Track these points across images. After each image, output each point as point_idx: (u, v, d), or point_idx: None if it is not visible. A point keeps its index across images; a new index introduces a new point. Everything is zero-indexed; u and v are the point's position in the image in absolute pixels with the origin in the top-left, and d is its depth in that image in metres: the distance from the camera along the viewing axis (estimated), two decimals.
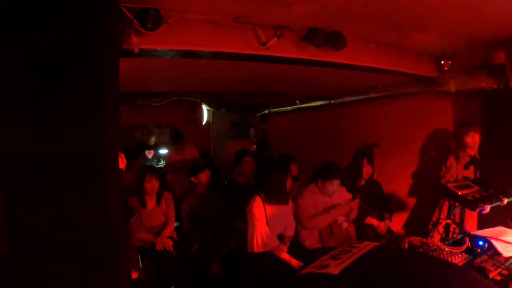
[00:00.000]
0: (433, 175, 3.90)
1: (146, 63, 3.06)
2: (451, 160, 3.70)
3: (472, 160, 3.64)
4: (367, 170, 3.96)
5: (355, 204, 3.41)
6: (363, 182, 4.01)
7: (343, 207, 3.33)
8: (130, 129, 7.76)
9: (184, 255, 3.46)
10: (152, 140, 7.76)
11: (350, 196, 3.45)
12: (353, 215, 3.44)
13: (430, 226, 3.70)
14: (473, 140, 3.53)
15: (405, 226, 4.53)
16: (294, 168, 3.97)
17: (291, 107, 6.28)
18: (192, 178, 3.74)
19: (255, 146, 7.45)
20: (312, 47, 2.73)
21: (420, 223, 3.80)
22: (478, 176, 3.61)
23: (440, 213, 3.69)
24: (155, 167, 5.35)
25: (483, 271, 1.71)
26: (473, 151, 3.61)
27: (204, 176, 3.72)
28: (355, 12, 2.58)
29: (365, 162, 3.95)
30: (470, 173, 3.63)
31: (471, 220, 3.43)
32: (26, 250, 1.25)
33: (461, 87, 3.59)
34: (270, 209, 3.10)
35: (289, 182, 3.15)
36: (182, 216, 3.68)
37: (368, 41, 3.17)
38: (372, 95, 4.59)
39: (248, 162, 4.05)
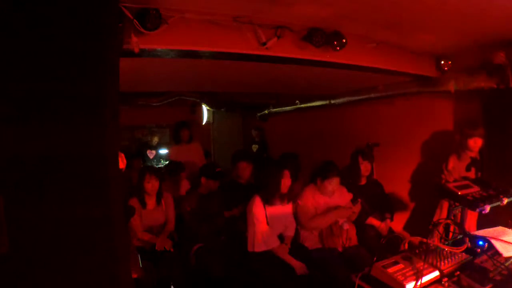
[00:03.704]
0: (433, 175, 3.90)
1: (146, 63, 3.06)
2: (452, 162, 3.69)
3: (473, 162, 3.64)
4: (364, 167, 3.94)
5: (357, 208, 3.38)
6: (363, 181, 4.00)
7: (345, 210, 3.29)
8: (130, 129, 7.77)
9: (184, 255, 3.46)
10: (154, 140, 7.77)
11: (350, 196, 3.44)
12: (354, 217, 3.43)
13: (430, 226, 3.72)
14: (475, 144, 3.53)
15: (405, 226, 4.53)
16: None
17: (291, 107, 6.28)
18: (203, 179, 3.75)
19: (256, 146, 7.43)
20: (312, 47, 2.73)
21: (420, 223, 3.80)
22: (479, 177, 3.60)
23: (440, 213, 3.69)
24: (155, 167, 5.35)
25: (483, 271, 1.71)
26: (473, 153, 3.61)
27: (214, 184, 3.77)
28: (355, 12, 2.58)
29: (360, 159, 3.94)
30: (471, 174, 3.61)
31: (471, 220, 3.42)
32: (26, 250, 1.25)
33: (461, 87, 3.58)
34: (270, 209, 3.10)
35: (287, 182, 3.15)
36: (184, 215, 3.69)
37: (368, 41, 3.17)
38: (372, 95, 4.59)
39: (241, 167, 3.98)
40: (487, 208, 2.17)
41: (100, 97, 1.36)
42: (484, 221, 2.74)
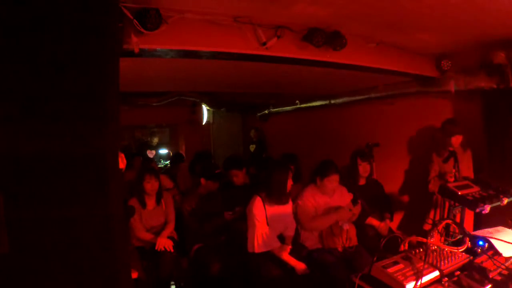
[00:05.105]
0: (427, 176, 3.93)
1: (146, 63, 3.06)
2: (434, 158, 3.85)
3: (451, 153, 3.71)
4: (363, 168, 3.94)
5: (357, 209, 3.38)
6: (363, 182, 4.00)
7: (345, 211, 3.26)
8: (130, 129, 7.77)
9: (184, 255, 3.46)
10: (154, 140, 7.78)
11: (351, 196, 3.43)
12: (354, 217, 3.42)
13: (426, 226, 3.74)
14: (456, 141, 3.70)
15: (405, 226, 4.53)
16: None
17: (291, 107, 6.28)
18: (203, 180, 3.74)
19: (254, 146, 7.45)
20: (312, 47, 2.73)
21: (419, 223, 3.81)
22: (458, 168, 3.66)
23: (435, 212, 3.72)
24: (155, 168, 5.34)
25: (483, 271, 1.70)
26: (452, 148, 3.73)
27: (213, 185, 3.75)
28: (355, 12, 2.58)
29: (359, 160, 3.94)
30: (449, 166, 3.68)
31: (468, 219, 3.42)
32: (26, 250, 1.25)
33: (461, 87, 3.59)
34: (270, 209, 3.10)
35: (289, 182, 3.15)
36: (184, 215, 3.68)
37: (368, 41, 3.17)
38: (372, 95, 4.59)
39: (233, 175, 3.91)
40: (487, 208, 2.17)
41: (100, 97, 1.36)
42: (484, 221, 2.74)
